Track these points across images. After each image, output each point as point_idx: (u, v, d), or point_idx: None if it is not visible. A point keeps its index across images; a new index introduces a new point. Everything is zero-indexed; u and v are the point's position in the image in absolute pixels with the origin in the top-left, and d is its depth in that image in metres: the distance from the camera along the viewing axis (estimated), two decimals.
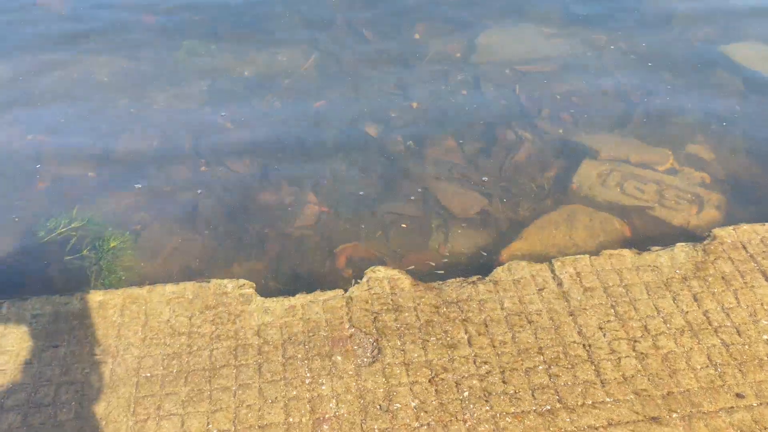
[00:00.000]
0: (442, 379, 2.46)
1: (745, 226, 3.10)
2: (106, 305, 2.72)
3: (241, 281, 2.84)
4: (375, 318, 2.69)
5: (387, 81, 4.62)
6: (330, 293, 2.79)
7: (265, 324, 2.66)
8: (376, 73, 4.73)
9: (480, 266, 3.11)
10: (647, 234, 3.34)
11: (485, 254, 3.24)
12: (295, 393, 2.42)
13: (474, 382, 2.45)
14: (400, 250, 3.33)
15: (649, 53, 4.94)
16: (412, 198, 3.60)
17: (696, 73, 4.71)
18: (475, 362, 2.52)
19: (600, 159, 3.87)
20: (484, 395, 2.41)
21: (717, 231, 3.09)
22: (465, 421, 2.33)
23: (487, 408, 2.37)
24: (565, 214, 3.52)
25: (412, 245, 3.36)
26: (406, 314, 2.70)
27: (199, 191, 3.59)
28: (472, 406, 2.37)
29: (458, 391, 2.42)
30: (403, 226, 3.43)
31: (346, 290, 2.82)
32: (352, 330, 2.64)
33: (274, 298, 2.78)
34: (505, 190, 3.66)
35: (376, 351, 2.56)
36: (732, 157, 3.90)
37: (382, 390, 2.42)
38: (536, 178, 3.78)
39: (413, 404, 2.38)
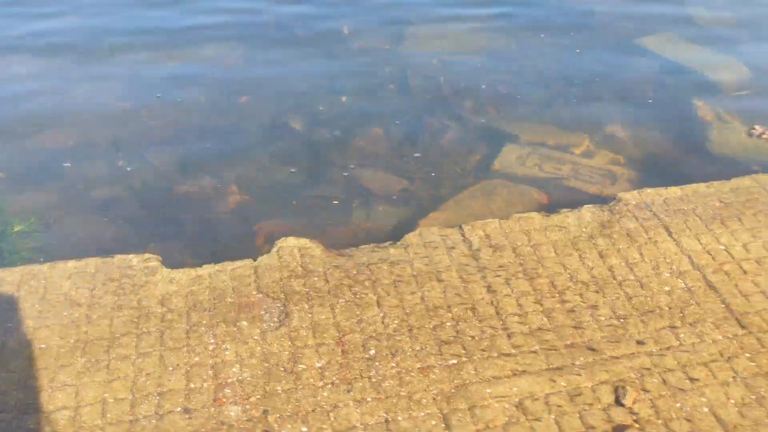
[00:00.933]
0: (349, 340, 2.43)
1: (649, 190, 3.19)
2: (1, 282, 2.62)
3: (147, 255, 2.78)
4: (283, 284, 2.65)
5: (315, 75, 4.64)
6: (238, 263, 2.75)
7: (169, 293, 2.59)
8: (305, 67, 4.74)
9: (397, 237, 3.11)
10: (563, 204, 3.40)
11: (404, 226, 3.23)
12: (197, 359, 2.35)
13: (381, 340, 2.43)
14: (321, 227, 3.30)
15: (571, 45, 5.09)
16: (336, 183, 3.59)
17: (615, 61, 4.87)
18: (383, 322, 2.50)
19: (520, 143, 3.95)
20: (391, 353, 2.39)
21: (622, 194, 3.16)
22: (370, 378, 2.30)
23: (393, 365, 2.35)
24: (485, 189, 3.57)
25: (333, 223, 3.34)
26: (315, 279, 2.67)
27: (117, 178, 3.52)
28: (378, 363, 2.35)
29: (365, 350, 2.40)
30: (335, 202, 3.42)
31: (255, 260, 2.78)
32: (260, 296, 2.60)
33: (181, 270, 2.72)
34: (428, 173, 3.69)
35: (283, 315, 2.52)
36: (645, 138, 4.01)
37: (287, 353, 2.38)
38: (459, 162, 3.83)
39: (318, 365, 2.34)
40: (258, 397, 2.23)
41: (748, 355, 2.38)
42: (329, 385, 2.27)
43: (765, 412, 2.19)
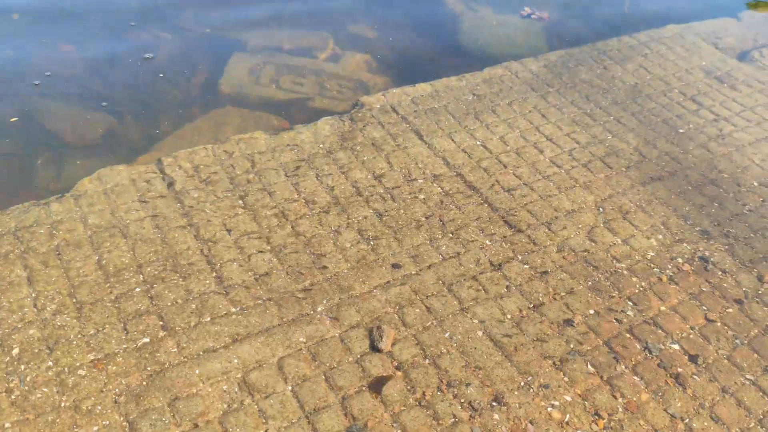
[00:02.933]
0: None
1: (395, 90, 2.69)
2: None
3: None
4: None
5: None
6: None
7: None
8: None
9: None
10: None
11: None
12: None
13: (31, 332, 1.62)
14: None
15: None
16: (8, 132, 2.60)
17: None
18: (36, 305, 1.69)
19: (250, 51, 3.24)
20: (46, 348, 1.59)
21: (365, 98, 2.62)
22: (10, 392, 1.49)
23: (50, 364, 1.56)
24: (213, 120, 2.82)
25: (6, 188, 2.38)
26: None
27: None
28: (24, 367, 1.55)
29: (3, 350, 1.58)
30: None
31: None
32: None
33: None
34: (141, 104, 2.84)
35: None
36: (395, 37, 3.52)
37: None
38: (180, 85, 3.02)
39: None
40: None
41: (520, 257, 1.96)
42: None
43: (547, 323, 1.78)
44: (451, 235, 2.02)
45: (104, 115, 2.78)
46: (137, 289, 1.76)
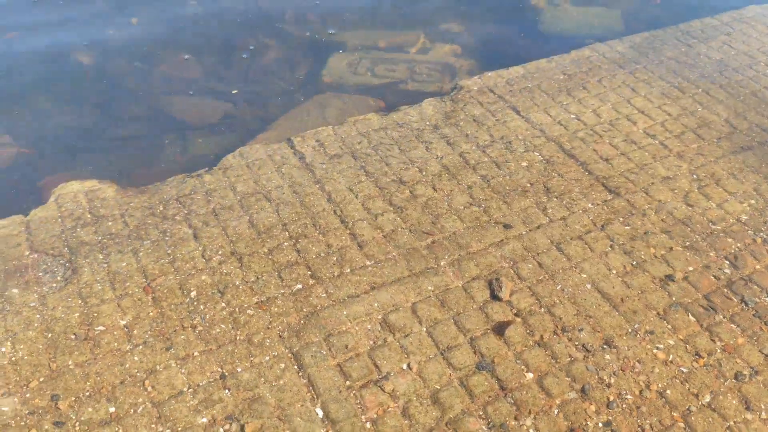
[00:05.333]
0: (161, 284, 1.89)
1: (490, 74, 2.89)
2: None
3: None
4: (67, 237, 2.04)
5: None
6: (2, 222, 2.08)
7: None
8: None
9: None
10: (403, 105, 3.03)
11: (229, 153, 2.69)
12: None
13: (203, 278, 1.92)
14: (126, 170, 2.67)
15: None
16: (141, 119, 2.94)
17: None
18: (203, 256, 1.98)
19: (349, 50, 3.51)
20: (218, 291, 1.89)
21: (463, 82, 2.83)
22: (194, 327, 1.79)
23: (223, 305, 1.85)
24: (317, 103, 3.10)
25: (141, 164, 2.72)
26: (110, 224, 2.09)
27: None
28: (202, 306, 1.84)
29: (183, 293, 1.88)
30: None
31: (27, 215, 2.12)
32: (35, 256, 1.97)
33: None
34: (252, 93, 3.14)
35: (69, 272, 1.92)
36: (481, 29, 3.73)
37: (78, 315, 1.80)
38: (285, 78, 3.31)
39: (123, 322, 1.79)
40: (41, 379, 1.65)
41: (621, 219, 2.15)
42: (140, 346, 1.74)
43: (649, 277, 1.97)
44: (555, 199, 2.23)
45: (222, 103, 3.09)
46: (285, 244, 2.04)
